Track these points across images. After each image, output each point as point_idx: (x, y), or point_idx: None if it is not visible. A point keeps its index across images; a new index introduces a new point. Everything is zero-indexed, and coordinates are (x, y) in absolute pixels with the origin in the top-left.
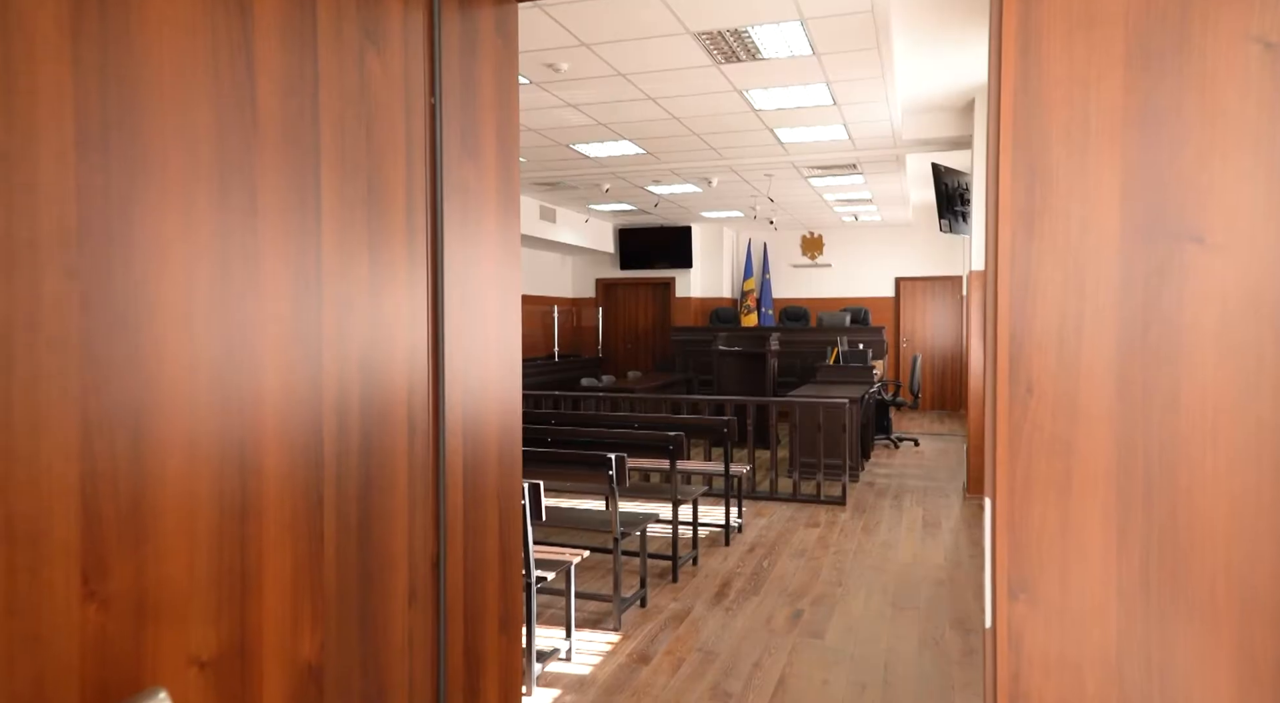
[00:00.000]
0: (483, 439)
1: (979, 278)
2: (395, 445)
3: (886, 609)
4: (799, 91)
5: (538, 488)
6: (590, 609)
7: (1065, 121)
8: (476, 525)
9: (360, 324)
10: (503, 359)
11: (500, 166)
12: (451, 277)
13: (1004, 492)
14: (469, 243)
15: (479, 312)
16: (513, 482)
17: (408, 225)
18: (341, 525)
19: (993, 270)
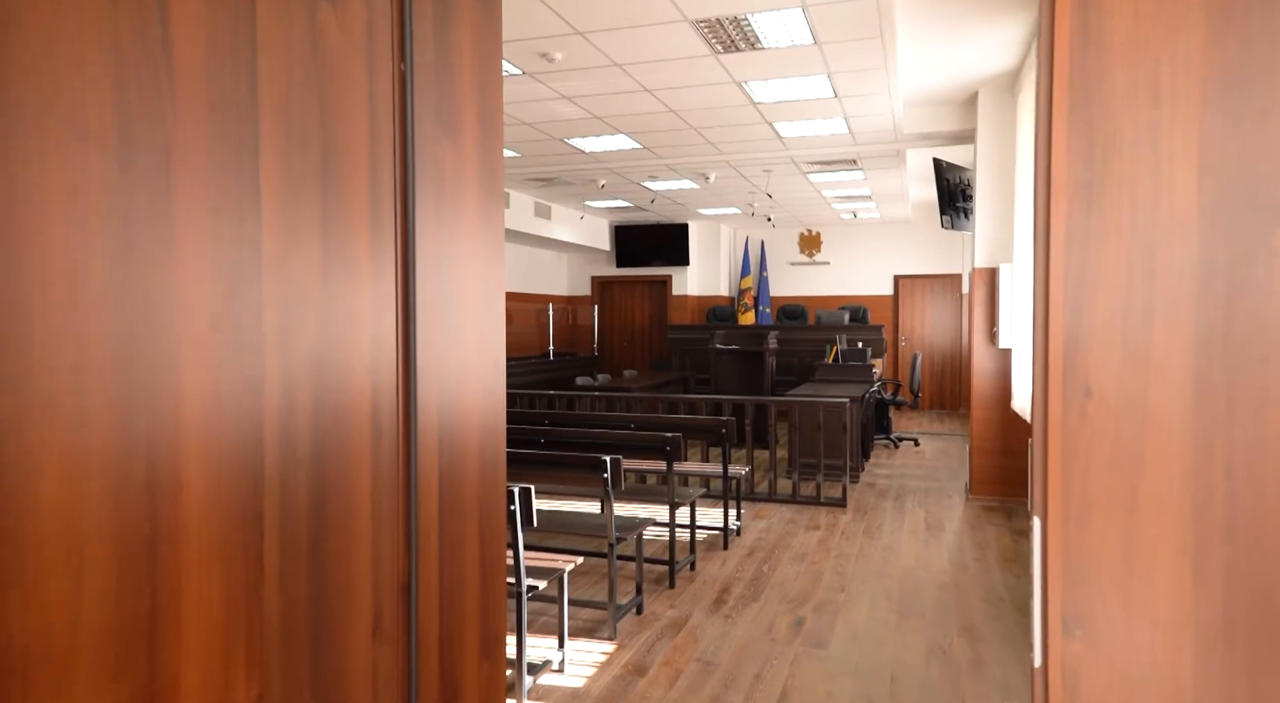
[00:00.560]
0: (461, 444)
1: (982, 275)
2: (356, 454)
3: (891, 617)
4: (799, 83)
5: (528, 492)
6: (584, 617)
7: (1131, 83)
8: (454, 540)
9: (312, 315)
10: (484, 357)
11: (481, 147)
12: (425, 265)
13: (1057, 511)
14: (445, 229)
15: (457, 305)
16: (495, 489)
17: (372, 207)
18: (287, 548)
19: (1042, 254)
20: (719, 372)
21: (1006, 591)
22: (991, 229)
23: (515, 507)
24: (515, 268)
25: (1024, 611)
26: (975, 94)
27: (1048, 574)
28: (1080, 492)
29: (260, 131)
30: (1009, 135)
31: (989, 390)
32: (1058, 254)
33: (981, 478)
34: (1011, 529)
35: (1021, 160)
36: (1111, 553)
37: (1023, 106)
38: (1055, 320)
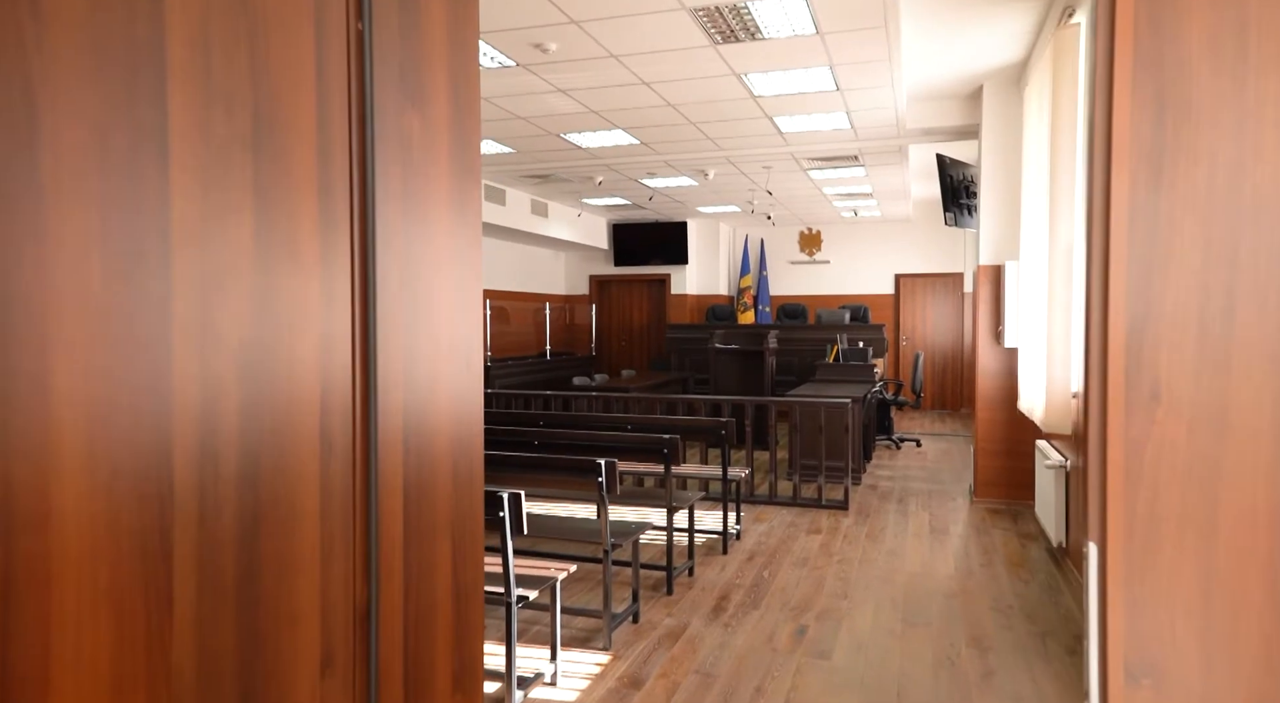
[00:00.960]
0: (432, 453)
1: (986, 273)
2: (299, 468)
3: (896, 625)
4: (800, 76)
5: (518, 498)
6: (578, 626)
7: (1212, 33)
8: (423, 561)
9: (240, 308)
10: (459, 356)
11: (455, 121)
12: (388, 252)
13: (1119, 534)
14: (412, 212)
15: (426, 298)
16: (471, 502)
17: (321, 182)
18: (208, 582)
19: (1100, 235)
20: (718, 372)
21: (1015, 598)
22: (996, 226)
23: (504, 513)
24: (512, 266)
25: (1034, 619)
26: (980, 88)
27: (1106, 610)
28: (1147, 512)
29: (169, 81)
30: (1014, 130)
31: (994, 391)
32: (1119, 235)
33: (986, 480)
34: (1018, 533)
35: (1028, 155)
36: (1186, 586)
37: (1029, 100)
38: (1116, 312)
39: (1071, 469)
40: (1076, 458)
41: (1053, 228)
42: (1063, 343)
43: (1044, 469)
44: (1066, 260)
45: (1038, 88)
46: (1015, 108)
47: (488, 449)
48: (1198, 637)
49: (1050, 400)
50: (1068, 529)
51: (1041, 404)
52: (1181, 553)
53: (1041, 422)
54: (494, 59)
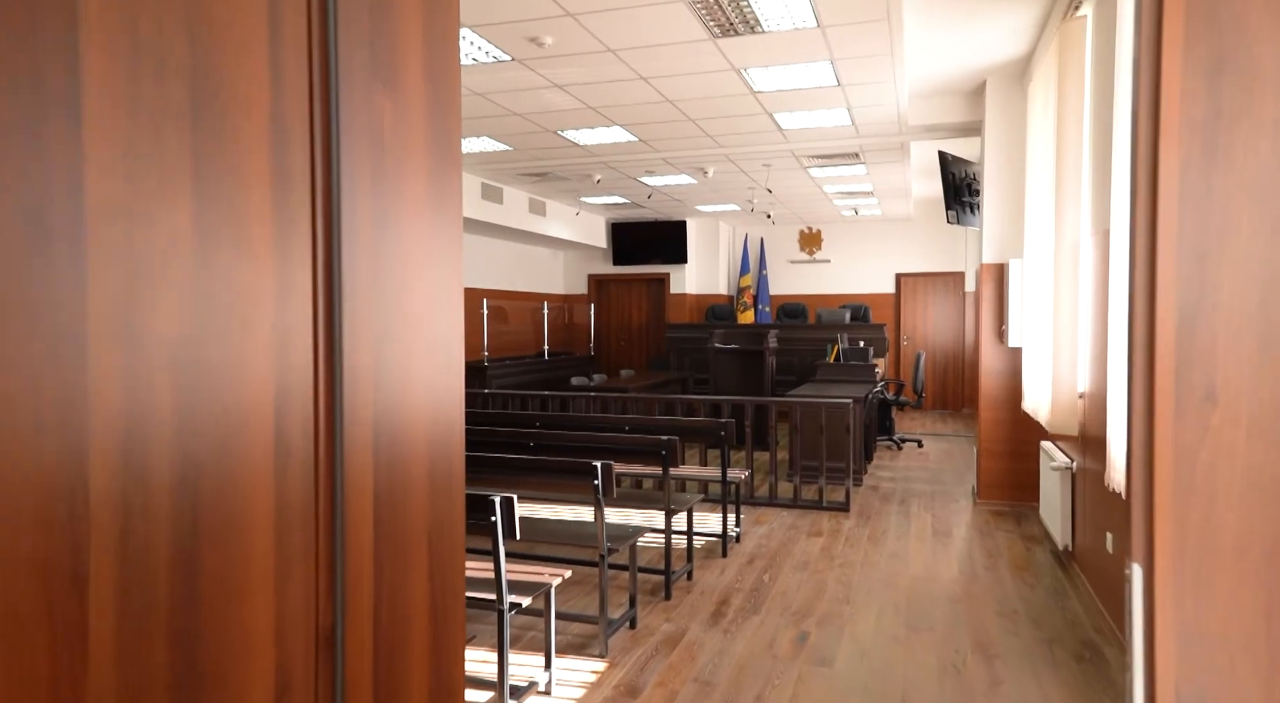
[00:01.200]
0: (406, 457)
1: (990, 271)
2: (250, 478)
3: (900, 631)
4: (801, 71)
5: (510, 502)
6: (574, 632)
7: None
8: (396, 573)
9: (176, 300)
10: (437, 355)
11: (432, 108)
12: (355, 243)
13: (1168, 554)
14: (383, 202)
15: (400, 293)
16: (451, 510)
17: (276, 164)
18: (132, 613)
19: (1144, 216)
20: (718, 371)
21: (1021, 602)
22: (1000, 223)
23: (496, 517)
24: (510, 266)
25: (1041, 625)
26: (983, 83)
27: (1154, 640)
28: (1200, 530)
29: (80, 31)
30: (1018, 126)
31: (998, 391)
32: (1168, 216)
33: (989, 482)
34: (1022, 536)
35: (1032, 152)
36: (1246, 614)
37: (1033, 96)
38: (1164, 303)
39: (1078, 471)
40: (1083, 459)
41: (1058, 225)
42: (1069, 342)
43: (1049, 471)
44: (1073, 258)
45: (1043, 83)
46: (1019, 104)
47: (482, 451)
48: (1261, 675)
49: (1056, 401)
50: (1074, 532)
51: (1047, 405)
52: (1241, 576)
53: (1047, 423)
54: (488, 53)
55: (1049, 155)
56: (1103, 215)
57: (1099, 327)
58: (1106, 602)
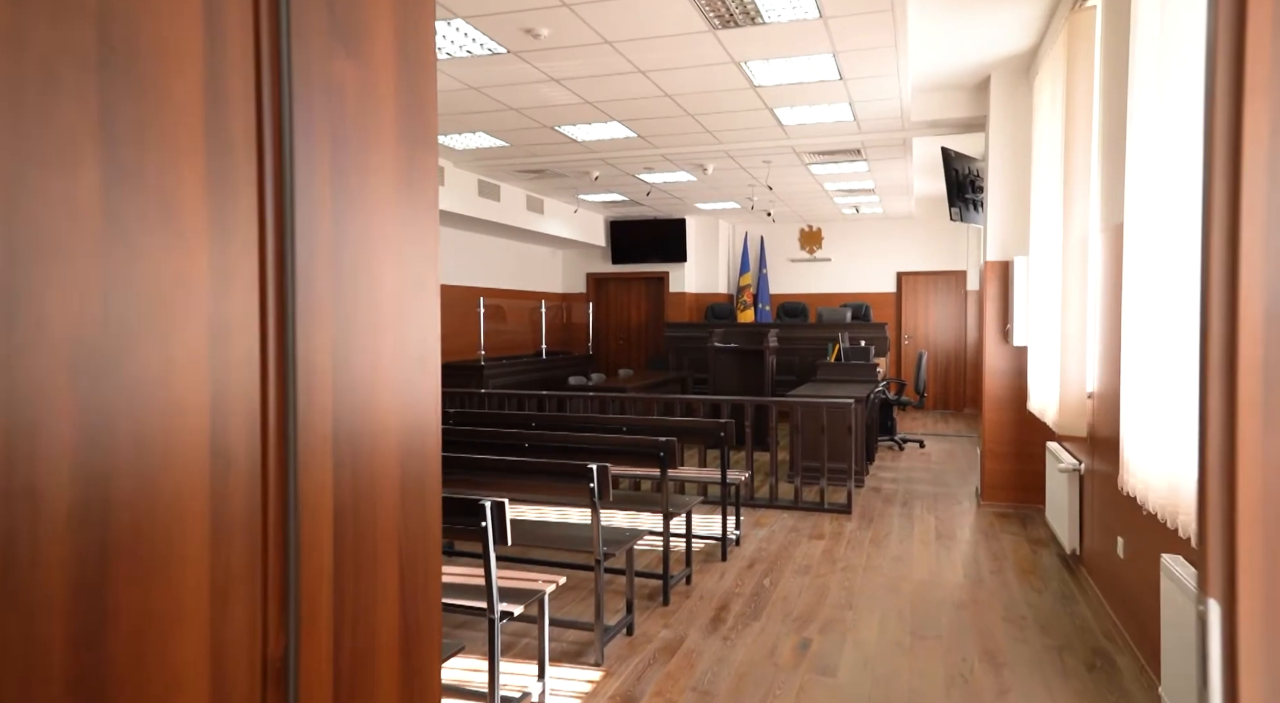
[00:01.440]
0: (373, 465)
1: (994, 269)
2: (179, 491)
3: (904, 638)
4: (803, 64)
5: (501, 507)
6: (569, 639)
7: None
8: (361, 594)
9: (75, 287)
10: (409, 353)
11: (404, 80)
12: (312, 227)
13: (1255, 587)
14: (345, 180)
15: (366, 284)
16: (425, 522)
17: (211, 128)
18: (15, 656)
19: (1223, 190)
20: (718, 371)
21: (1029, 608)
22: (1004, 220)
23: (487, 522)
24: (507, 264)
25: (1049, 631)
26: (987, 78)
27: (1237, 688)
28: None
29: None
30: (1024, 121)
31: (1002, 391)
32: (1254, 189)
33: (993, 483)
34: (1028, 538)
35: (1038, 147)
36: None
37: (1040, 90)
38: (1249, 291)
39: (1085, 473)
40: (1091, 461)
41: (1067, 221)
42: (1077, 341)
43: (1056, 473)
44: (1081, 254)
45: (1050, 76)
46: (1024, 98)
47: (476, 452)
48: None
49: (1064, 402)
50: (1081, 535)
51: (1054, 405)
52: None
53: (1054, 423)
54: (483, 45)
55: (1056, 150)
56: (1114, 210)
57: (1110, 325)
58: (1117, 608)
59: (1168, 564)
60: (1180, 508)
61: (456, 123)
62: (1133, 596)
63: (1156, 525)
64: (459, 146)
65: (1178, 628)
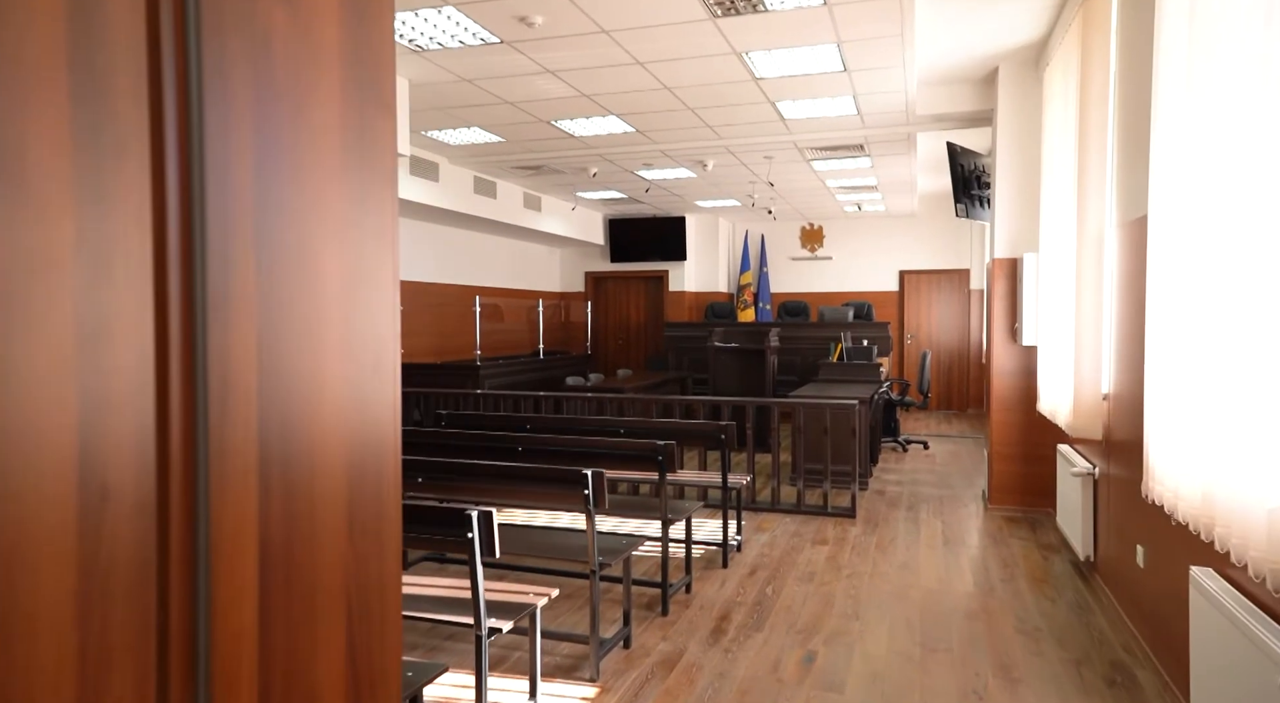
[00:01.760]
0: (313, 494)
1: (1002, 266)
2: (29, 533)
3: (914, 650)
4: (806, 54)
5: (489, 517)
6: (563, 652)
7: None
8: (297, 650)
9: None
10: (361, 355)
11: (349, 25)
12: (227, 194)
13: None
14: (272, 139)
15: (302, 271)
16: (380, 558)
17: (76, 63)
18: None
19: None
20: (718, 371)
21: (1043, 619)
22: (1012, 216)
23: (474, 534)
24: (504, 262)
25: (1065, 644)
26: (994, 70)
27: None
28: None
29: None
30: (1033, 114)
31: (1010, 392)
32: None
33: (1001, 486)
34: (1039, 544)
35: (1049, 140)
36: None
37: (1050, 81)
38: None
39: (1100, 477)
40: (1107, 465)
41: (1081, 216)
42: (1092, 341)
43: (1069, 477)
44: (1096, 250)
45: (1062, 66)
46: (1033, 90)
47: (466, 457)
48: None
49: (1078, 403)
50: (1096, 542)
51: (1067, 407)
52: None
53: (1067, 425)
54: (475, 35)
55: (1069, 143)
56: (1134, 203)
57: (1130, 323)
58: (1136, 619)
59: (1198, 578)
60: (1216, 519)
61: (450, 117)
62: (1154, 608)
63: (1185, 536)
64: (453, 142)
65: (1209, 646)
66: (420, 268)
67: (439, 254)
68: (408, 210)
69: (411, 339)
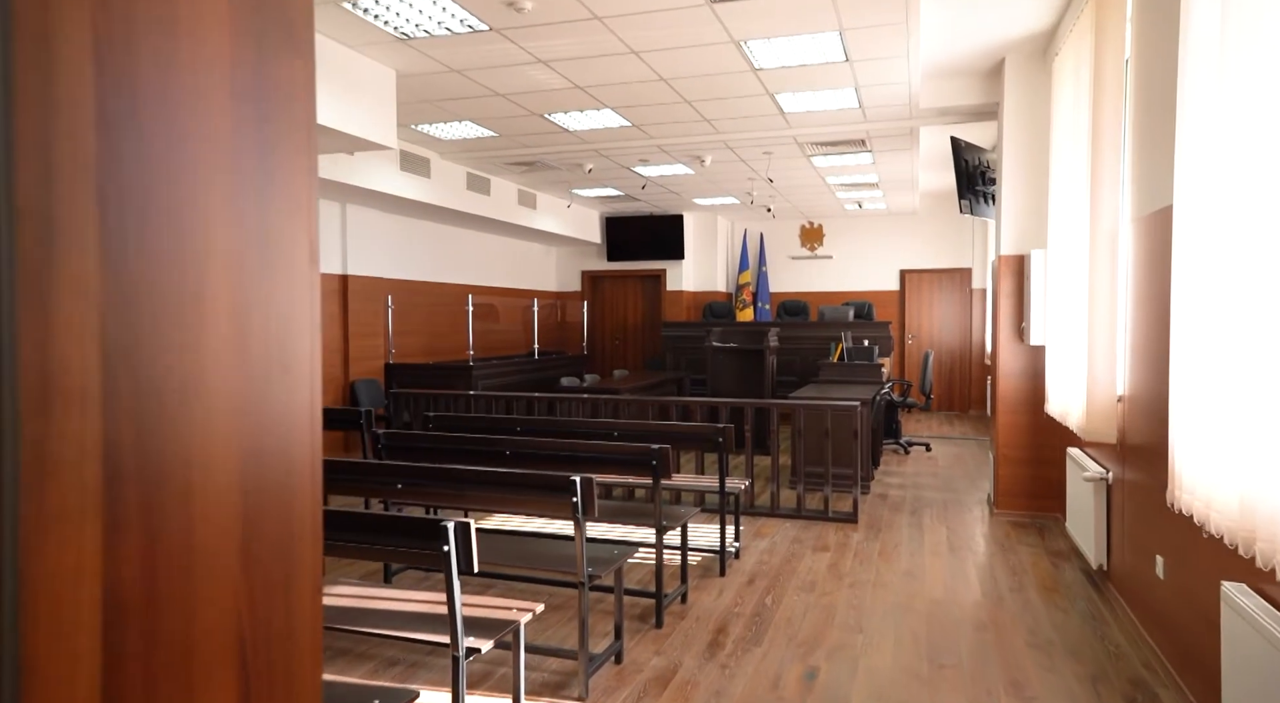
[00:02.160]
0: (191, 529)
1: (1008, 263)
2: None
3: (921, 666)
4: (806, 43)
5: (466, 528)
6: (551, 668)
7: None
8: None
9: None
10: (262, 351)
11: None
12: (50, 124)
13: None
14: (125, 76)
15: (175, 239)
16: (289, 608)
17: None
18: None
19: None
20: (716, 371)
21: (1055, 630)
22: (1019, 212)
23: (450, 547)
24: (498, 260)
25: (1080, 659)
26: (1000, 62)
27: None
28: None
29: None
30: (1041, 106)
31: (1017, 393)
32: None
33: (1008, 490)
34: (1048, 551)
35: (1058, 132)
36: None
37: (1060, 71)
38: None
39: (1114, 482)
40: (1122, 470)
41: (1094, 211)
42: (1106, 340)
43: (1080, 481)
44: (1110, 246)
45: (1073, 55)
46: (1042, 81)
47: (449, 461)
48: None
49: (1091, 405)
50: (1109, 550)
51: (1079, 409)
52: None
53: (1079, 428)
54: (463, 22)
55: (1080, 135)
56: (1154, 194)
57: (1150, 320)
58: (1156, 633)
59: (1231, 594)
60: (1258, 533)
61: (440, 110)
62: (1176, 622)
63: (1215, 548)
64: (445, 136)
65: (1244, 667)
66: (412, 266)
67: (431, 252)
68: (398, 207)
69: (403, 339)
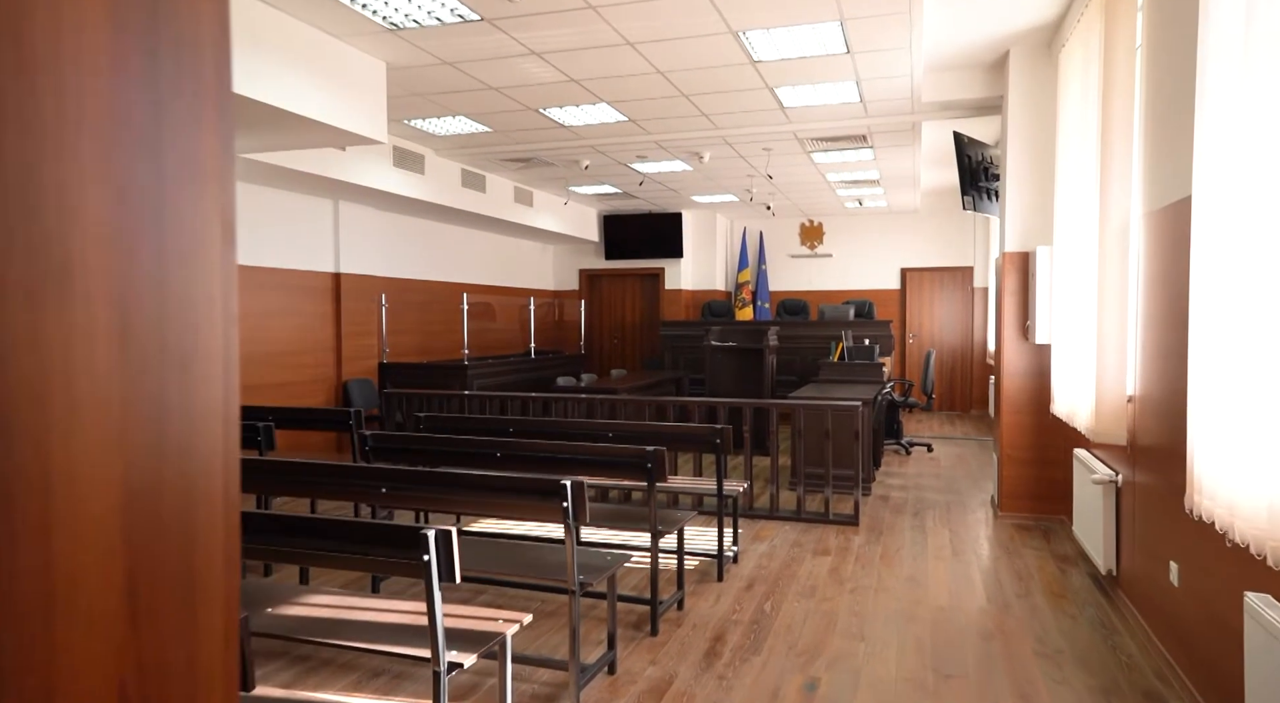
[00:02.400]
0: (52, 560)
1: (1013, 260)
2: None
3: (926, 676)
4: (807, 34)
5: (448, 536)
6: (541, 679)
7: None
8: None
9: None
10: (151, 345)
11: None
12: None
13: None
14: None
15: (31, 199)
16: (200, 649)
17: None
18: None
19: None
20: (715, 371)
21: (1064, 638)
22: (1024, 208)
23: (430, 556)
24: (494, 258)
25: (1091, 669)
26: (1005, 54)
27: None
28: None
29: None
30: (1047, 100)
31: (1021, 392)
32: None
33: (1012, 492)
34: (1053, 554)
35: (1065, 126)
36: None
37: (1067, 63)
38: None
39: (1124, 485)
40: (1132, 472)
41: (1104, 206)
42: (1115, 339)
43: (1088, 484)
44: (1121, 242)
45: (1081, 46)
46: (1047, 74)
47: (439, 463)
48: None
49: (1100, 405)
50: (1119, 555)
51: (1088, 409)
52: None
53: (1088, 429)
54: (453, 11)
55: (1089, 129)
56: (1169, 187)
57: (1164, 317)
58: (1169, 643)
59: (1255, 605)
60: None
61: (433, 105)
62: (1192, 632)
63: (1237, 556)
64: (439, 132)
65: (1270, 679)
66: (406, 264)
67: (425, 250)
68: (392, 204)
69: (397, 338)
